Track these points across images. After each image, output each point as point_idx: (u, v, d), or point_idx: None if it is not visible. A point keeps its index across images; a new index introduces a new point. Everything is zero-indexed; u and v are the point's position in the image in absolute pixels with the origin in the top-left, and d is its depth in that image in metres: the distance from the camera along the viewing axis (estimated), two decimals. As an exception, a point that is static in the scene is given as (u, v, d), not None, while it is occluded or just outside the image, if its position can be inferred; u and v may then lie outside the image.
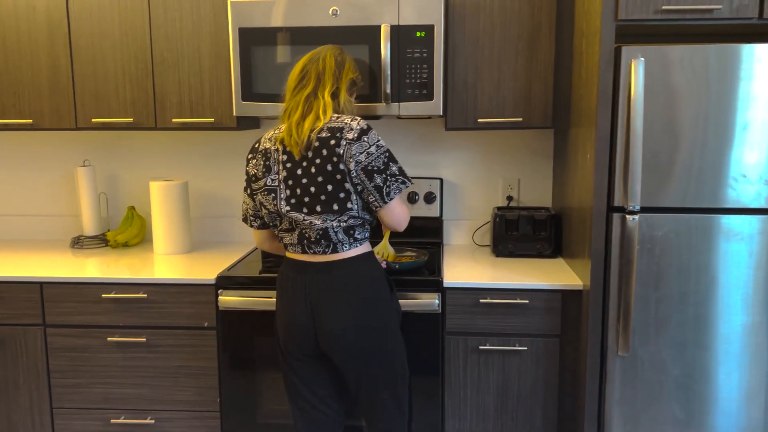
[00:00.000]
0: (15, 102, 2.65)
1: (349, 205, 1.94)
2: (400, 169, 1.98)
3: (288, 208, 1.97)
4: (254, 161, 2.03)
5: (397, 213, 2.01)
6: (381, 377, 2.03)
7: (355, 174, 1.92)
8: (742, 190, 2.10)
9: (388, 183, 1.94)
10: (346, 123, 1.94)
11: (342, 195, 1.93)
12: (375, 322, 2.00)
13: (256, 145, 2.05)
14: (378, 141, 1.94)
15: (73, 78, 2.63)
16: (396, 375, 2.06)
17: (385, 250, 2.42)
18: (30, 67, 2.63)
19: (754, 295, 2.14)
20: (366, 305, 1.99)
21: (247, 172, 2.06)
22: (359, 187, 1.94)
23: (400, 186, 1.97)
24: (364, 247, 2.03)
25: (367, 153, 1.92)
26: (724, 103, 2.07)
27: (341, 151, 1.91)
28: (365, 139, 1.92)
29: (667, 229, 2.13)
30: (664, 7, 2.04)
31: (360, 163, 1.91)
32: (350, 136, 1.91)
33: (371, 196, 1.95)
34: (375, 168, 1.93)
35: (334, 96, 1.99)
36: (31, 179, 3.09)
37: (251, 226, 2.14)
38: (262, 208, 2.05)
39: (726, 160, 2.09)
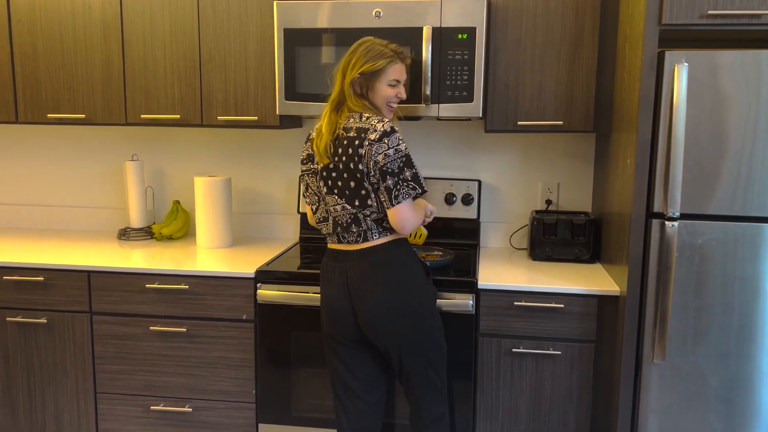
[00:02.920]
0: (70, 97, 2.76)
1: (369, 202, 2.03)
2: (414, 175, 2.01)
3: (325, 190, 2.07)
4: (305, 146, 2.17)
5: (402, 216, 2.02)
6: (422, 357, 2.09)
7: (372, 173, 1.99)
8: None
9: (398, 186, 1.99)
10: (372, 124, 2.00)
11: (363, 192, 2.02)
12: (411, 303, 2.06)
13: (311, 133, 2.17)
14: (398, 144, 1.99)
15: (125, 75, 2.72)
16: (437, 354, 2.12)
17: (418, 230, 2.42)
18: (84, 63, 2.73)
19: (798, 306, 2.09)
20: (401, 288, 2.05)
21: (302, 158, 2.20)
22: (375, 186, 2.01)
23: (410, 192, 2.00)
24: (394, 235, 2.09)
25: (385, 154, 1.97)
26: (772, 110, 2.02)
27: (363, 152, 1.99)
28: (386, 140, 1.98)
29: (708, 236, 2.10)
30: (710, 12, 2.01)
31: (377, 163, 1.98)
32: (372, 137, 1.98)
33: (382, 196, 2.01)
34: (389, 170, 1.98)
35: (338, 108, 2.07)
36: (81, 172, 3.20)
37: (307, 203, 2.22)
38: (308, 188, 2.16)
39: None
